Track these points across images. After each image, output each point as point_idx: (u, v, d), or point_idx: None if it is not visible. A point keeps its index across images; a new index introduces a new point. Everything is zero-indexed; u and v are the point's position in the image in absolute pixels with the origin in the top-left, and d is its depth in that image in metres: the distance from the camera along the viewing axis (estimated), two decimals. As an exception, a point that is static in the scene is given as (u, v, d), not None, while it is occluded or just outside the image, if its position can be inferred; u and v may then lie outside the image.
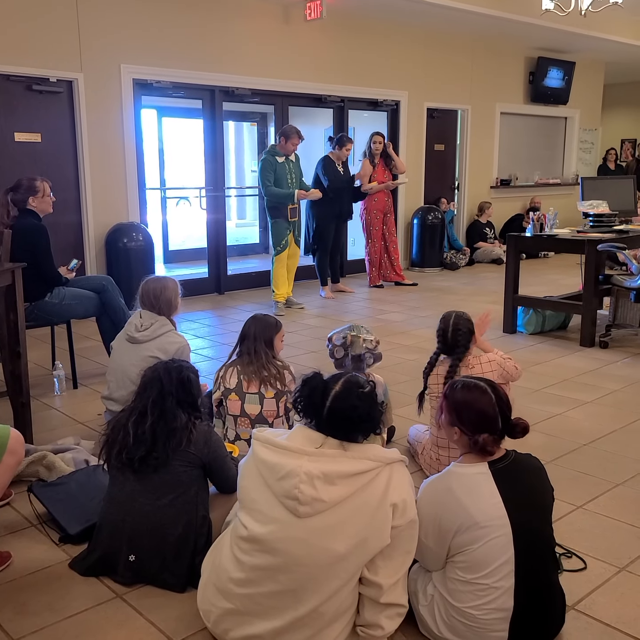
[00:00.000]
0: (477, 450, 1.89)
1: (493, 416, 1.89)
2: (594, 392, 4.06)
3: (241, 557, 1.81)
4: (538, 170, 10.69)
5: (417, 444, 3.07)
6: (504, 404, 1.92)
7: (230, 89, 7.06)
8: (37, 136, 5.96)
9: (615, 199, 5.71)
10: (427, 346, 5.11)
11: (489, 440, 1.87)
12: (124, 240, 6.25)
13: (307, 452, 1.76)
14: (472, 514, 1.80)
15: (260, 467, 1.81)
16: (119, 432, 2.22)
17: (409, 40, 8.45)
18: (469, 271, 8.78)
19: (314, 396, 1.82)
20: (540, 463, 1.98)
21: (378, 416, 1.84)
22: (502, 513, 1.80)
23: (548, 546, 1.89)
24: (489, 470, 1.86)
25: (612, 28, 9.25)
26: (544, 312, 5.45)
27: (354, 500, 1.74)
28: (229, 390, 2.86)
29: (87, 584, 2.19)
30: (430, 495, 1.91)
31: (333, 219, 7.00)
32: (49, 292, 4.00)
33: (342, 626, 1.80)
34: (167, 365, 2.32)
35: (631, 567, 2.28)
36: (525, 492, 1.86)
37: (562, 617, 1.92)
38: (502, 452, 1.92)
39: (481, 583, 1.79)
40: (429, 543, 1.88)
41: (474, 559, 1.80)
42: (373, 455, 1.79)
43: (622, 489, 2.85)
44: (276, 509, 1.76)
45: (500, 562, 1.79)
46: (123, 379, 3.16)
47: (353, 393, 1.81)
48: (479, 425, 1.88)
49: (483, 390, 1.92)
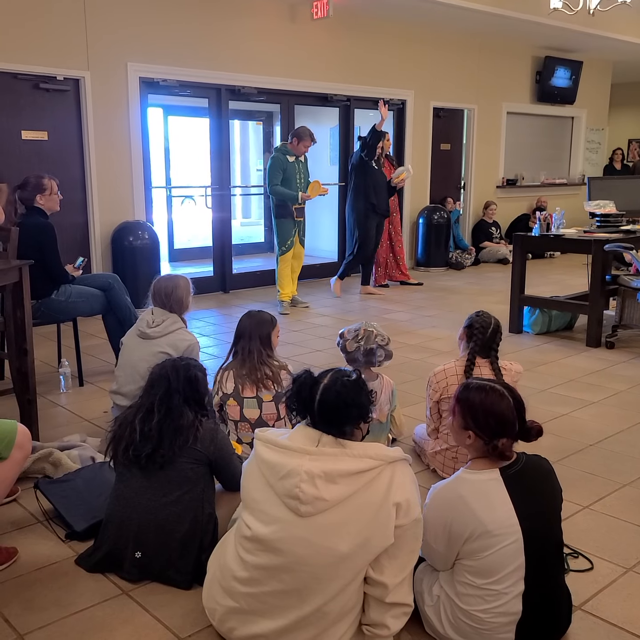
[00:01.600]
0: (496, 456, 1.84)
1: (512, 421, 1.84)
2: (600, 393, 4.05)
3: (245, 557, 1.81)
4: (544, 170, 10.66)
5: (423, 442, 3.05)
6: (522, 408, 1.88)
7: (237, 87, 7.06)
8: (44, 134, 5.97)
9: (623, 199, 5.69)
10: (433, 345, 5.10)
11: (507, 445, 1.84)
12: (130, 238, 6.26)
13: (308, 451, 1.76)
14: (484, 522, 1.77)
15: (262, 467, 1.81)
16: (125, 429, 2.22)
17: (416, 40, 8.44)
18: (475, 271, 8.77)
19: (303, 391, 1.83)
20: (550, 465, 1.95)
21: (366, 402, 1.83)
22: (513, 521, 1.78)
23: (557, 550, 1.88)
24: (500, 476, 1.83)
25: (620, 27, 9.22)
26: (550, 312, 5.44)
27: (356, 499, 1.74)
28: (227, 396, 2.81)
29: (93, 580, 2.20)
30: (440, 502, 1.87)
31: (375, 219, 6.92)
32: (55, 290, 4.00)
33: (347, 625, 1.80)
34: (175, 363, 2.32)
35: (638, 568, 2.27)
36: (536, 498, 1.84)
37: (569, 618, 1.92)
38: (513, 457, 1.88)
39: (491, 589, 1.78)
40: (438, 548, 1.87)
41: (484, 565, 1.78)
42: (375, 454, 1.77)
43: (629, 489, 2.84)
44: (278, 508, 1.75)
45: (511, 569, 1.77)
46: (132, 374, 3.16)
47: (338, 381, 1.82)
48: (498, 430, 1.83)
49: (501, 394, 1.86)
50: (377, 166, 6.89)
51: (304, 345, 5.07)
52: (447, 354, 4.77)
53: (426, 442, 3.01)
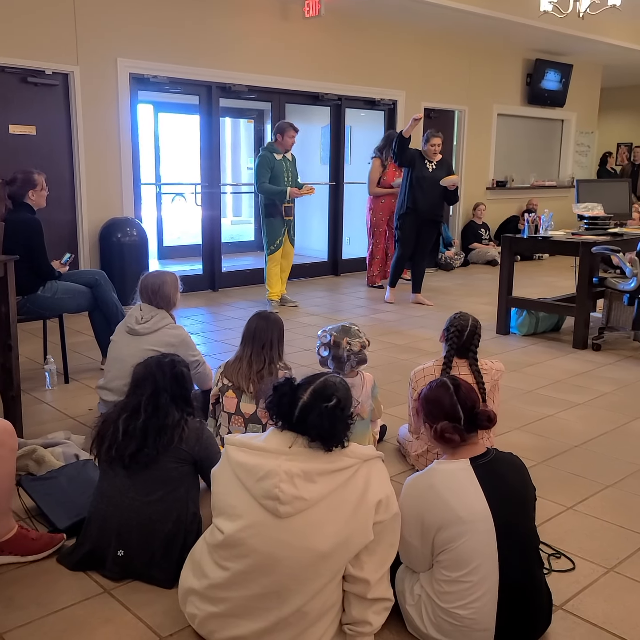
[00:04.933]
0: (439, 439, 1.94)
1: (449, 405, 1.96)
2: (585, 394, 4.07)
3: (223, 563, 1.80)
4: (534, 172, 10.71)
5: (407, 443, 3.06)
6: (463, 394, 1.98)
7: (227, 85, 7.04)
8: (32, 129, 5.93)
9: (610, 202, 5.73)
10: (421, 346, 5.11)
11: (447, 427, 1.92)
12: (118, 235, 6.23)
13: (284, 452, 1.77)
14: (455, 510, 1.81)
15: (237, 470, 1.80)
16: (108, 428, 2.21)
17: (407, 40, 8.45)
18: (464, 272, 8.79)
19: (283, 404, 1.82)
20: (521, 461, 1.99)
21: (342, 431, 1.81)
22: (484, 508, 1.81)
23: (531, 542, 1.90)
24: (471, 466, 1.88)
25: (610, 31, 9.27)
26: (537, 313, 5.46)
27: (334, 497, 1.74)
28: (226, 387, 2.85)
29: (74, 579, 2.18)
30: (413, 493, 1.92)
31: (416, 221, 6.44)
32: (41, 286, 3.98)
33: (327, 625, 1.80)
34: (160, 360, 2.31)
35: (619, 568, 2.29)
36: (507, 488, 1.88)
37: (549, 616, 1.93)
38: (482, 449, 1.94)
39: (466, 580, 1.80)
40: (413, 541, 1.89)
41: (458, 555, 1.80)
42: (350, 452, 1.80)
43: (612, 490, 2.86)
44: (256, 511, 1.75)
45: (485, 558, 1.79)
46: (121, 370, 3.12)
47: (315, 409, 1.78)
48: (436, 413, 1.97)
49: (446, 385, 2.01)
50: (432, 165, 6.38)
51: (293, 344, 5.06)
52: (434, 355, 4.78)
53: (410, 444, 3.02)
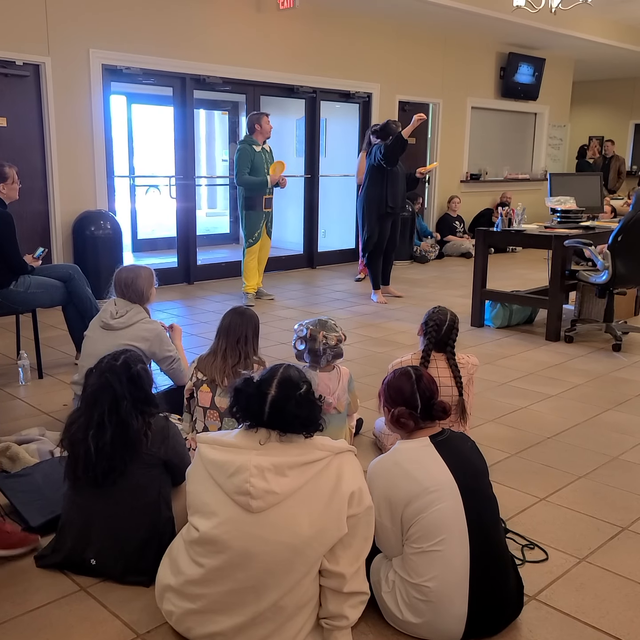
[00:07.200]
0: (395, 423, 2.05)
1: (409, 392, 2.05)
2: (558, 386, 4.13)
3: (198, 560, 1.80)
4: (507, 165, 10.79)
5: (383, 436, 3.09)
6: (424, 385, 2.07)
7: (202, 77, 6.98)
8: (3, 120, 5.83)
9: (583, 195, 5.80)
10: (397, 339, 5.14)
11: (403, 412, 2.02)
12: (92, 228, 6.16)
13: (254, 447, 1.77)
14: (421, 482, 1.88)
15: (209, 467, 1.81)
16: (79, 449, 2.12)
17: (382, 33, 8.45)
18: (439, 264, 8.85)
19: (252, 405, 1.81)
20: (472, 440, 2.10)
21: (318, 415, 1.84)
22: (449, 478, 1.90)
23: (494, 506, 1.99)
24: (431, 442, 1.98)
25: (582, 26, 9.37)
26: (511, 306, 5.52)
27: (306, 491, 1.75)
28: (201, 381, 2.84)
29: (50, 577, 2.17)
30: (379, 472, 1.98)
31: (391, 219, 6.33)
32: (14, 281, 3.93)
33: (304, 619, 1.81)
34: (112, 366, 2.17)
35: (591, 558, 2.33)
36: (466, 460, 1.98)
37: (521, 598, 1.97)
38: (438, 429, 2.05)
39: (437, 549, 1.85)
40: (384, 521, 1.93)
41: (427, 525, 1.86)
42: (321, 445, 1.81)
43: (584, 481, 2.91)
44: (229, 508, 1.75)
45: (453, 527, 1.85)
46: None
47: (291, 399, 1.79)
48: (397, 400, 2.07)
49: (408, 375, 2.10)
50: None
51: (269, 337, 5.06)
52: (410, 347, 4.81)
53: (386, 437, 3.05)
